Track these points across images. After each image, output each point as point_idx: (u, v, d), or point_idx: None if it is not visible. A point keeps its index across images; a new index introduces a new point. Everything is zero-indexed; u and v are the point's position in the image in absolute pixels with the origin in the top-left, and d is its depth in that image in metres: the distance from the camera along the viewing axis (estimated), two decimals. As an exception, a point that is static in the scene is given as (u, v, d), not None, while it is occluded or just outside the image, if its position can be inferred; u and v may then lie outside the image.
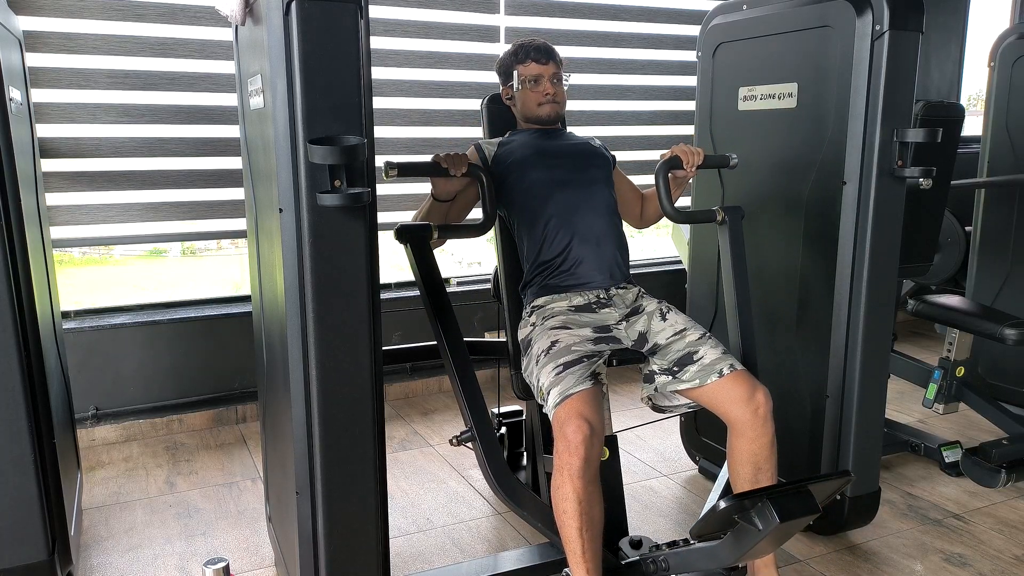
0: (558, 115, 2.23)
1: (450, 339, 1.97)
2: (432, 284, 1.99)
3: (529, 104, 2.19)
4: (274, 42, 1.46)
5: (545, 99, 2.18)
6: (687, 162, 2.07)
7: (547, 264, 2.12)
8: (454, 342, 1.97)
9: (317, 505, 1.63)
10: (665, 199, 2.10)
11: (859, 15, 2.08)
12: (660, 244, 5.51)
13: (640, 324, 2.07)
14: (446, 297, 2.00)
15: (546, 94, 2.17)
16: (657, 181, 2.10)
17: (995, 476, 2.68)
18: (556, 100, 2.19)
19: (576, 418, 1.76)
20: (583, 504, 1.75)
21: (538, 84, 2.17)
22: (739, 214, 2.20)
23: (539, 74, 2.16)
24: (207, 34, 3.20)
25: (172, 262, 6.31)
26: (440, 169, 1.96)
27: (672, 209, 2.12)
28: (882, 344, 2.26)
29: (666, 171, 2.10)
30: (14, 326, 1.84)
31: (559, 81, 2.20)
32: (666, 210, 2.12)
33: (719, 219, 2.17)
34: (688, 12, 4.10)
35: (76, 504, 2.39)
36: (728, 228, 2.17)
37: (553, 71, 2.18)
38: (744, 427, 1.90)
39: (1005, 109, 3.23)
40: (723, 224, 2.18)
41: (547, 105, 2.18)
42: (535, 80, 2.17)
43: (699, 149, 2.10)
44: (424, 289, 1.99)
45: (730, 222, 2.17)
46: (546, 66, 2.17)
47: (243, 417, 3.42)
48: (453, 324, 1.99)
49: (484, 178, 2.03)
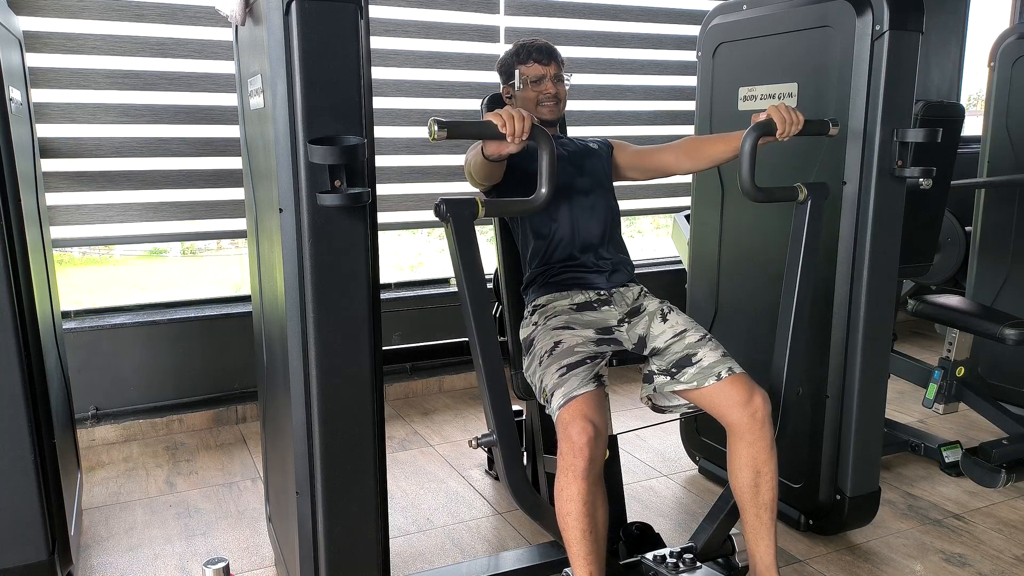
0: (559, 116, 2.23)
1: (483, 336, 1.73)
2: (473, 271, 1.70)
3: (529, 104, 2.19)
4: (274, 42, 1.47)
5: (546, 98, 2.17)
6: (782, 130, 1.84)
7: (548, 267, 2.12)
8: (487, 340, 1.74)
9: (317, 505, 1.63)
10: (748, 172, 1.84)
11: (859, 15, 2.08)
12: (660, 244, 5.51)
13: (640, 327, 2.07)
14: (486, 290, 1.75)
15: (547, 93, 2.17)
16: (743, 148, 1.84)
17: (995, 476, 2.68)
18: (557, 100, 2.19)
19: (580, 420, 1.75)
20: (587, 506, 1.75)
21: (539, 84, 2.16)
22: (824, 193, 1.98)
23: (541, 74, 2.15)
24: (207, 34, 3.20)
25: (172, 262, 6.30)
26: (496, 133, 1.61)
27: (752, 186, 1.85)
28: (882, 344, 2.26)
29: (756, 137, 1.84)
30: (14, 326, 1.84)
31: (560, 81, 2.19)
32: (745, 186, 1.85)
33: (801, 197, 1.96)
34: (688, 12, 4.11)
35: (76, 504, 2.39)
36: (809, 208, 1.97)
37: (555, 71, 2.17)
38: (742, 431, 1.90)
39: (1005, 109, 3.22)
40: (803, 204, 1.97)
41: (548, 104, 2.18)
42: (536, 80, 2.16)
43: (799, 114, 1.85)
44: (464, 275, 1.70)
45: (812, 201, 1.97)
46: (548, 66, 2.16)
47: (243, 417, 3.42)
48: (488, 320, 1.75)
49: (548, 146, 1.65)
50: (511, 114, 1.59)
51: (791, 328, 2.01)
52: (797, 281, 2.00)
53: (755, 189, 1.86)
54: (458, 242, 1.68)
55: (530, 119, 1.61)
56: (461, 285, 1.71)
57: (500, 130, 1.60)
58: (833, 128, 1.95)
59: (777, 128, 1.85)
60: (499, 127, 1.59)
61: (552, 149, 1.65)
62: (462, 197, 1.67)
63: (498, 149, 1.69)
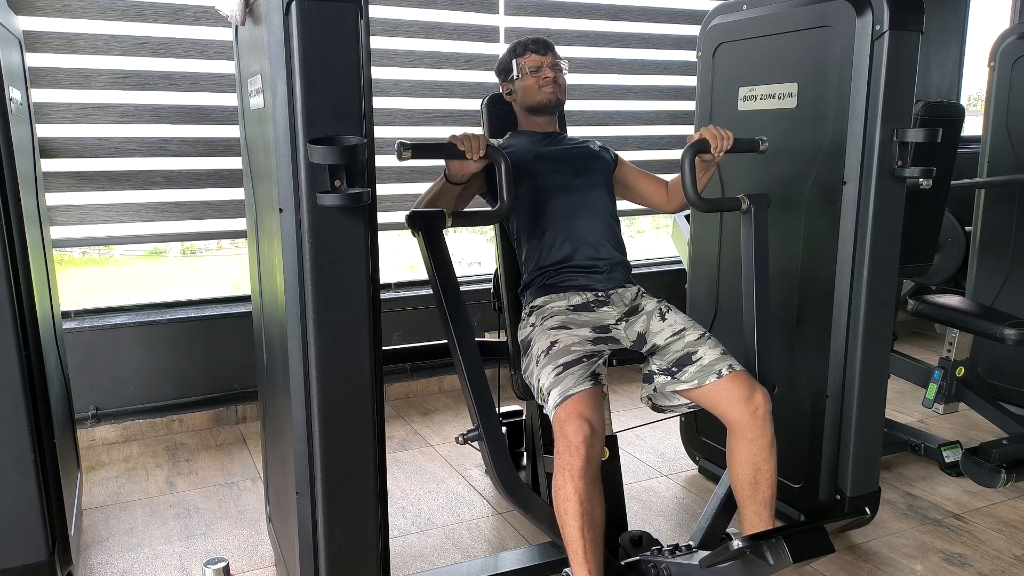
0: (559, 100, 2.22)
1: (460, 335, 1.86)
2: (445, 276, 1.86)
3: (530, 90, 2.20)
4: (274, 42, 1.46)
5: (545, 82, 2.18)
6: (715, 146, 1.97)
7: (546, 268, 2.13)
8: (464, 338, 1.86)
9: (317, 505, 1.63)
10: (689, 185, 1.97)
11: (859, 15, 2.08)
12: (660, 244, 5.51)
13: (639, 324, 2.07)
14: (458, 291, 1.88)
15: (546, 77, 2.18)
16: (683, 165, 1.97)
17: (995, 476, 2.68)
18: (557, 83, 2.20)
19: (576, 418, 1.76)
20: (584, 504, 1.75)
21: (538, 72, 2.19)
22: (765, 202, 2.11)
23: (539, 63, 2.18)
24: (207, 34, 3.20)
25: (172, 262, 6.30)
26: (457, 151, 1.83)
27: (696, 196, 1.99)
28: (882, 344, 2.26)
29: (692, 155, 1.97)
30: (14, 326, 1.84)
31: (559, 69, 2.21)
32: (689, 197, 1.99)
33: (744, 207, 2.08)
34: (688, 12, 4.11)
35: (76, 504, 2.39)
36: (753, 217, 2.08)
37: (551, 60, 2.20)
38: (743, 428, 1.90)
39: (1005, 109, 3.22)
40: (747, 212, 2.09)
41: (548, 87, 2.18)
42: (535, 69, 2.18)
43: (728, 132, 1.99)
44: (437, 281, 1.86)
45: (755, 210, 2.08)
46: (545, 56, 2.19)
47: (243, 417, 3.42)
48: (464, 319, 1.88)
49: (503, 161, 1.87)
50: (467, 135, 1.84)
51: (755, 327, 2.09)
52: (754, 283, 2.09)
53: (700, 200, 2.02)
54: (429, 250, 1.86)
55: (484, 139, 1.83)
56: (436, 288, 1.87)
57: (459, 147, 1.82)
58: (763, 145, 2.07)
59: (711, 144, 1.97)
60: (458, 146, 1.82)
61: (508, 164, 1.87)
62: (431, 210, 1.88)
63: (461, 168, 1.94)
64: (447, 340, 1.88)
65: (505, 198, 1.87)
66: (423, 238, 1.85)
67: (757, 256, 2.09)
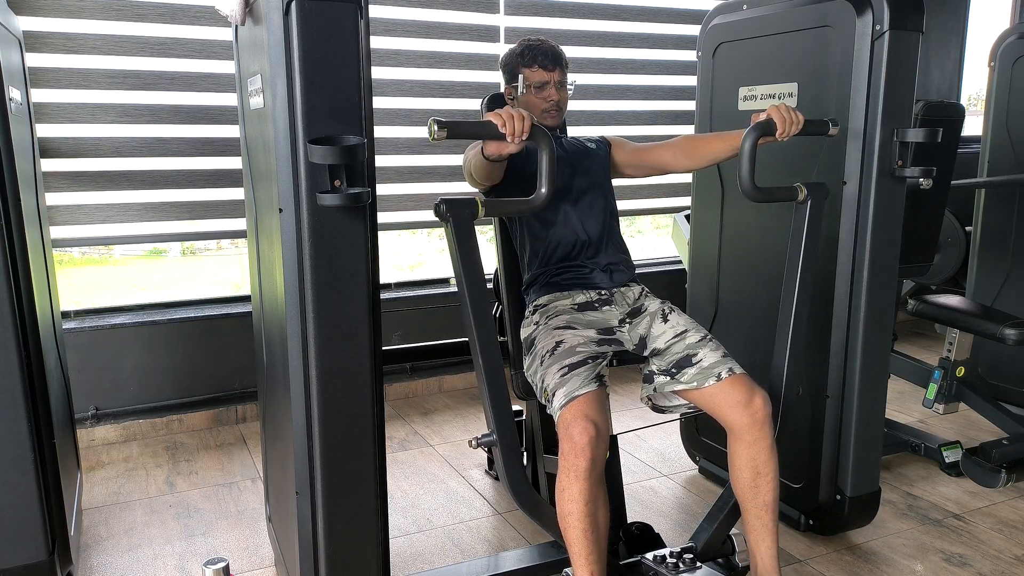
0: (560, 121, 2.22)
1: (483, 336, 1.72)
2: (473, 271, 1.70)
3: (533, 110, 2.17)
4: (274, 42, 1.47)
5: (549, 105, 2.15)
6: (782, 131, 1.84)
7: (549, 267, 2.12)
8: (487, 340, 1.73)
9: (317, 505, 1.63)
10: (748, 172, 1.83)
11: (859, 15, 2.08)
12: (660, 244, 5.51)
13: (641, 327, 2.07)
14: (486, 289, 1.74)
15: (550, 100, 2.14)
16: (743, 147, 1.83)
17: (995, 476, 2.68)
18: (559, 107, 2.17)
19: (582, 420, 1.75)
20: (589, 506, 1.74)
21: (543, 90, 2.14)
22: (823, 193, 1.97)
23: (545, 80, 2.12)
24: (207, 34, 3.20)
25: (172, 262, 6.31)
26: (496, 132, 1.60)
27: (752, 186, 1.84)
28: (882, 344, 2.26)
29: (756, 137, 1.83)
30: (14, 326, 1.84)
31: (563, 87, 2.18)
32: (745, 186, 1.84)
33: (800, 197, 1.95)
34: (688, 12, 4.11)
35: (76, 504, 2.39)
36: (808, 208, 1.96)
37: (559, 77, 2.14)
38: (742, 431, 1.90)
39: (1005, 109, 3.22)
40: (803, 204, 1.96)
41: (550, 113, 2.15)
42: (540, 86, 2.14)
43: (799, 114, 1.84)
44: (463, 276, 1.69)
45: (812, 201, 1.96)
46: (552, 72, 2.12)
47: (243, 417, 3.42)
48: (489, 320, 1.75)
49: (548, 146, 1.65)
50: (511, 114, 1.58)
51: (791, 328, 2.01)
52: (797, 281, 1.99)
53: (755, 189, 1.85)
54: (458, 242, 1.67)
55: (530, 119, 1.60)
56: (461, 285, 1.70)
57: (500, 130, 1.59)
58: (833, 128, 1.95)
59: (777, 128, 1.84)
60: (499, 127, 1.59)
61: (552, 149, 1.64)
62: (462, 197, 1.66)
63: (498, 149, 1.68)
64: (467, 339, 1.75)
65: (545, 187, 1.67)
66: (452, 229, 1.67)
67: (806, 251, 1.97)
